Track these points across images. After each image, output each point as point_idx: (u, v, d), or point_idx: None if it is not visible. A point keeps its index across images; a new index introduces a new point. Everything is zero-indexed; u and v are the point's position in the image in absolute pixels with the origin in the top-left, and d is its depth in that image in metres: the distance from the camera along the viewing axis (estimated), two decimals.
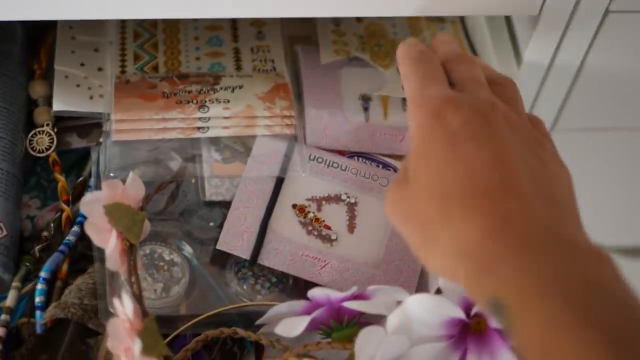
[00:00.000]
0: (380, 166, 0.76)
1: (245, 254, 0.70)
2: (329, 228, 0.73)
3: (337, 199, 0.74)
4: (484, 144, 0.54)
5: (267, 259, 0.70)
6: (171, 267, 0.69)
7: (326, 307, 0.63)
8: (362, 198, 0.74)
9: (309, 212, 0.73)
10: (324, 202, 0.73)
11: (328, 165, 0.74)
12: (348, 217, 0.73)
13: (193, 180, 0.74)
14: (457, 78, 0.61)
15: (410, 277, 0.71)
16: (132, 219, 0.62)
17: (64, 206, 0.74)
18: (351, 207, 0.74)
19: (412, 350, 0.61)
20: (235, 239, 0.70)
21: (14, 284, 0.69)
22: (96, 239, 0.61)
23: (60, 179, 0.75)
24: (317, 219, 0.73)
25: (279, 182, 0.73)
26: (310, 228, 0.72)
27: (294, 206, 0.73)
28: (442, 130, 0.55)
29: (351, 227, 0.73)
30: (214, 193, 0.73)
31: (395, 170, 0.75)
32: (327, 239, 0.72)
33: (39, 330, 0.66)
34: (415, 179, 0.55)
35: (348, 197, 0.74)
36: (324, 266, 0.71)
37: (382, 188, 0.74)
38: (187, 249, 0.71)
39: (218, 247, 0.70)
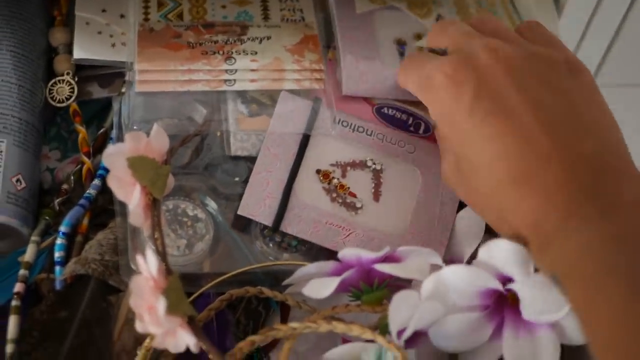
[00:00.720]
0: (410, 123, 0.72)
1: (267, 220, 0.67)
2: (354, 195, 0.70)
3: (362, 165, 0.71)
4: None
5: (290, 226, 0.67)
6: (195, 223, 0.67)
7: (356, 268, 0.61)
8: (388, 165, 0.71)
9: (333, 177, 0.70)
10: (348, 168, 0.71)
11: (353, 130, 0.71)
12: (374, 185, 0.70)
13: (218, 134, 0.71)
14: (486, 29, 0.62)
15: (437, 248, 0.68)
16: (156, 173, 0.60)
17: (85, 158, 0.72)
18: (377, 174, 0.71)
19: (446, 318, 0.59)
20: (257, 204, 0.67)
21: (33, 238, 0.67)
22: (119, 193, 0.59)
23: (81, 130, 0.73)
24: (341, 186, 0.70)
25: (303, 145, 0.70)
26: (334, 195, 0.69)
27: (318, 171, 0.70)
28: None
29: (377, 195, 0.70)
30: (239, 147, 0.71)
31: (426, 125, 0.72)
32: (351, 207, 0.69)
33: (58, 286, 0.64)
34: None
35: (374, 163, 0.71)
36: (348, 235, 0.68)
37: (408, 155, 0.71)
38: (212, 205, 0.69)
39: (239, 212, 0.67)
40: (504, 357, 0.59)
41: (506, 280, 0.58)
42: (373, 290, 0.62)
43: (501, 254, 0.57)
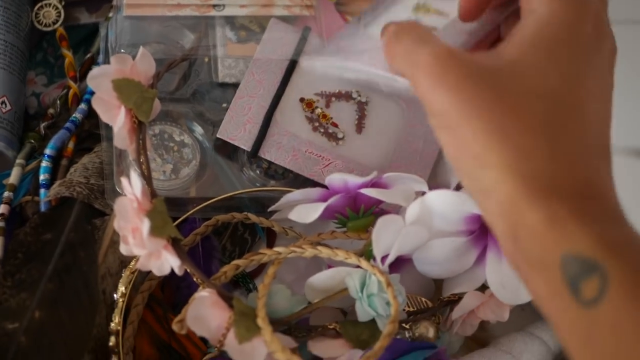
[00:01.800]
0: None
1: (246, 145, 0.66)
2: (336, 126, 0.69)
3: (347, 96, 0.70)
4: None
5: (269, 152, 0.67)
6: (181, 148, 0.67)
7: (342, 194, 0.61)
8: (374, 98, 0.70)
9: (316, 107, 0.69)
10: (333, 99, 0.70)
11: (343, 49, 0.71)
12: (357, 117, 0.70)
13: (206, 60, 0.71)
14: None
15: None
16: (142, 96, 0.59)
17: (71, 83, 0.71)
18: (361, 106, 0.70)
19: (430, 243, 0.59)
20: (237, 128, 0.67)
21: (18, 161, 0.66)
22: (104, 115, 0.59)
23: (68, 54, 0.72)
24: (324, 116, 0.69)
25: (288, 73, 0.69)
26: (316, 124, 0.69)
27: (302, 100, 0.69)
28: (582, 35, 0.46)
29: (359, 127, 0.70)
30: (227, 74, 0.70)
31: None
32: (333, 137, 0.69)
33: (43, 208, 0.63)
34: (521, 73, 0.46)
35: (359, 95, 0.70)
36: (327, 165, 0.67)
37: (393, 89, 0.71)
38: (199, 131, 0.68)
39: (218, 135, 0.66)
40: (487, 282, 0.60)
41: None
42: (359, 217, 0.62)
43: None
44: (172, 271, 0.57)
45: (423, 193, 0.59)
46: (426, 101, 0.46)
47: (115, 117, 0.58)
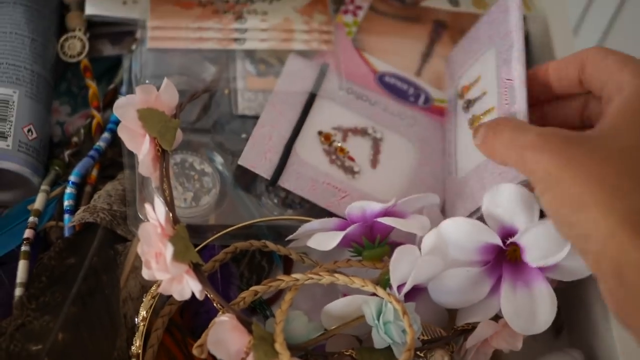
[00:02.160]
0: (410, 93, 0.74)
1: (266, 173, 0.68)
2: (352, 160, 0.71)
3: (363, 132, 0.72)
4: None
5: (288, 182, 0.68)
6: (202, 177, 0.68)
7: (359, 224, 0.62)
8: (388, 135, 0.72)
9: (334, 140, 0.71)
10: (349, 133, 0.72)
11: (357, 97, 0.73)
12: (372, 152, 0.72)
13: (226, 92, 0.72)
14: None
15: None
16: (166, 125, 0.61)
17: (95, 112, 0.73)
18: (376, 142, 0.72)
19: (445, 273, 0.60)
20: (258, 157, 0.68)
21: (43, 187, 0.68)
22: (129, 143, 0.60)
23: (92, 84, 0.74)
24: (341, 149, 0.71)
25: (307, 106, 0.71)
26: (333, 157, 0.70)
27: (320, 133, 0.71)
28: None
29: (374, 162, 0.71)
30: (246, 107, 0.72)
31: (426, 96, 0.74)
32: (349, 171, 0.70)
33: (67, 233, 0.65)
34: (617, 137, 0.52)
35: (374, 131, 0.72)
36: (343, 197, 0.69)
37: (408, 128, 0.73)
38: (218, 160, 0.70)
39: (240, 162, 0.68)
40: (501, 312, 0.61)
41: (506, 234, 0.59)
42: (375, 246, 0.63)
43: (507, 198, 0.59)
44: (192, 297, 0.58)
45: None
46: (532, 173, 0.53)
47: (140, 145, 0.60)
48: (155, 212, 0.56)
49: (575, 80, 0.60)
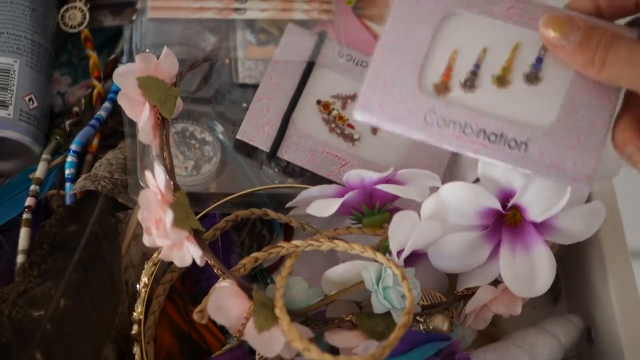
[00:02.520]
0: None
1: (265, 145, 0.68)
2: (352, 127, 0.71)
3: None
4: None
5: (287, 153, 0.68)
6: (202, 146, 0.69)
7: (359, 190, 0.62)
8: None
9: (333, 109, 0.71)
10: (349, 101, 0.72)
11: (357, 64, 0.72)
12: None
13: (227, 61, 0.73)
14: None
15: None
16: (166, 94, 0.61)
17: (96, 82, 0.73)
18: None
19: (444, 238, 0.60)
20: (256, 130, 0.69)
21: (44, 156, 0.68)
22: (129, 111, 0.61)
23: (92, 55, 0.74)
24: (340, 117, 0.71)
25: (305, 76, 0.71)
26: (333, 125, 0.70)
27: (319, 102, 0.71)
28: None
29: (375, 129, 0.71)
30: (247, 76, 0.72)
31: None
32: (349, 138, 0.70)
33: (68, 201, 0.65)
34: None
35: None
36: (343, 165, 0.69)
37: None
38: (219, 129, 0.70)
39: (238, 136, 0.68)
40: (500, 276, 0.61)
41: (504, 198, 0.60)
42: (374, 213, 0.63)
43: None
44: (193, 264, 0.59)
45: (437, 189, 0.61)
46: None
47: (140, 113, 0.60)
48: (156, 179, 0.57)
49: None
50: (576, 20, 0.51)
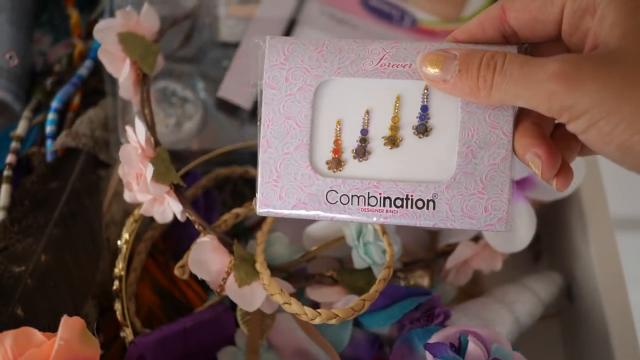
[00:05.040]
0: (395, 15, 0.73)
1: (246, 104, 0.68)
2: None
3: None
4: None
5: None
6: (184, 104, 0.68)
7: None
8: None
9: None
10: None
11: (339, 22, 0.72)
12: None
13: (208, 20, 0.72)
14: None
15: None
16: (146, 49, 0.61)
17: (77, 41, 0.72)
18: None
19: None
20: (238, 88, 0.68)
21: (25, 114, 0.68)
22: (109, 67, 0.60)
23: (74, 13, 0.74)
24: None
25: (287, 34, 0.71)
26: None
27: None
28: None
29: None
30: (228, 34, 0.72)
31: (412, 18, 0.73)
32: None
33: (49, 158, 0.65)
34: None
35: None
36: None
37: None
38: (201, 87, 0.70)
39: (219, 94, 0.68)
40: (481, 232, 0.61)
41: None
42: None
43: None
44: (174, 221, 0.59)
45: None
46: (568, 109, 0.44)
47: (120, 68, 0.60)
48: (136, 134, 0.56)
49: (497, 38, 0.50)
50: (450, 50, 0.48)
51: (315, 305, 0.58)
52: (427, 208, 0.50)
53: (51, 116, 0.67)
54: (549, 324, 0.70)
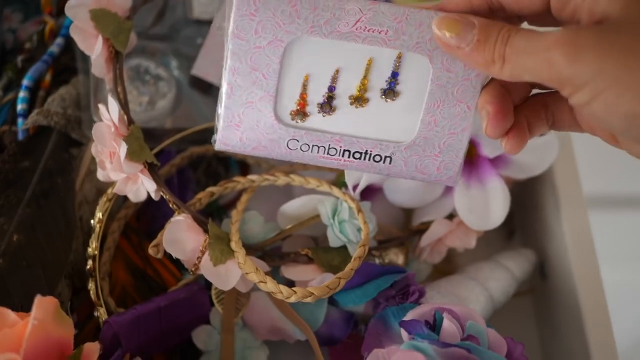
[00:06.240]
0: None
1: (220, 81, 0.67)
2: None
3: None
4: None
5: None
6: (157, 82, 0.68)
7: None
8: None
9: None
10: None
11: None
12: None
13: None
14: None
15: None
16: (119, 27, 0.60)
17: (48, 18, 0.71)
18: None
19: None
20: (211, 65, 0.68)
21: None
22: (81, 44, 0.59)
23: None
24: None
25: None
26: None
27: None
28: None
29: None
30: (202, 12, 0.71)
31: None
32: None
33: (20, 136, 0.64)
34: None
35: None
36: None
37: None
38: (174, 65, 0.69)
39: (193, 72, 0.68)
40: (455, 210, 0.62)
41: None
42: None
43: None
44: (148, 200, 0.59)
45: None
46: (571, 77, 0.43)
47: (93, 45, 0.59)
48: (109, 112, 0.56)
49: (483, 8, 0.50)
50: (470, 18, 0.48)
51: (290, 284, 0.59)
52: (384, 162, 0.52)
53: (22, 94, 0.66)
54: (522, 301, 0.71)
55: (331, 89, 0.52)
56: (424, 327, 0.52)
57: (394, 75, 0.51)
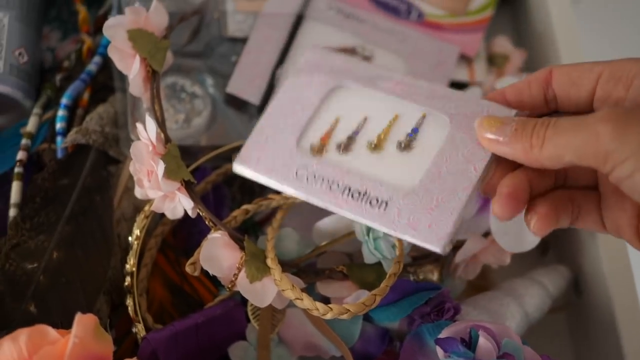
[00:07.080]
0: (403, 9, 0.74)
1: (254, 99, 0.69)
2: None
3: (352, 51, 0.72)
4: None
5: None
6: (193, 99, 0.69)
7: None
8: (377, 52, 0.72)
9: None
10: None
11: (346, 17, 0.72)
12: None
13: (216, 15, 0.72)
14: None
15: None
16: (156, 46, 0.61)
17: (86, 37, 0.73)
18: (365, 60, 0.72)
19: None
20: (246, 83, 0.69)
21: (35, 110, 0.68)
22: (119, 64, 0.60)
23: (82, 9, 0.74)
24: None
25: (294, 29, 0.71)
26: None
27: None
28: None
29: None
30: (236, 29, 0.72)
31: (419, 12, 0.73)
32: None
33: (60, 155, 0.65)
34: None
35: (363, 49, 0.72)
36: None
37: (397, 43, 0.72)
38: (209, 83, 0.70)
39: (228, 90, 0.69)
40: (490, 229, 0.62)
41: None
42: None
43: None
44: (184, 217, 0.59)
45: None
46: (612, 147, 0.45)
47: (130, 65, 0.60)
48: (147, 131, 0.57)
49: (539, 98, 0.53)
50: (509, 118, 0.51)
51: (325, 300, 0.59)
52: (379, 208, 0.54)
53: (61, 113, 0.67)
54: (557, 318, 0.71)
55: (355, 133, 0.57)
56: (459, 344, 0.53)
57: (414, 130, 0.56)
